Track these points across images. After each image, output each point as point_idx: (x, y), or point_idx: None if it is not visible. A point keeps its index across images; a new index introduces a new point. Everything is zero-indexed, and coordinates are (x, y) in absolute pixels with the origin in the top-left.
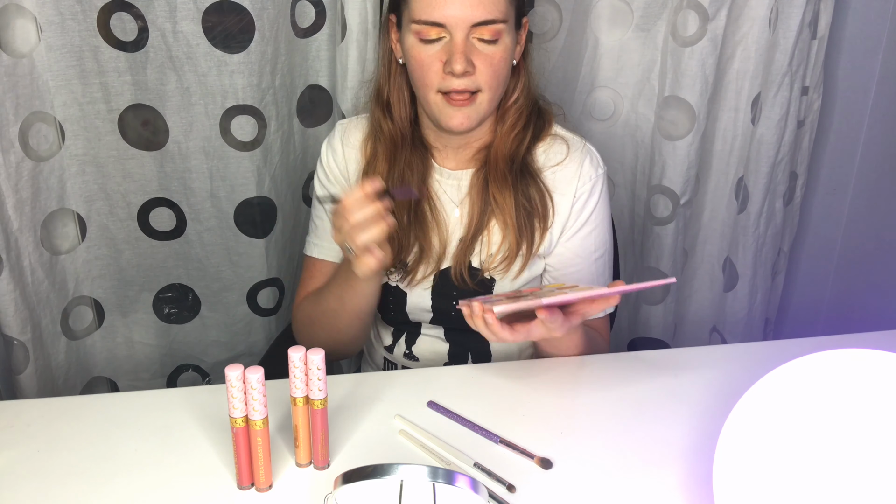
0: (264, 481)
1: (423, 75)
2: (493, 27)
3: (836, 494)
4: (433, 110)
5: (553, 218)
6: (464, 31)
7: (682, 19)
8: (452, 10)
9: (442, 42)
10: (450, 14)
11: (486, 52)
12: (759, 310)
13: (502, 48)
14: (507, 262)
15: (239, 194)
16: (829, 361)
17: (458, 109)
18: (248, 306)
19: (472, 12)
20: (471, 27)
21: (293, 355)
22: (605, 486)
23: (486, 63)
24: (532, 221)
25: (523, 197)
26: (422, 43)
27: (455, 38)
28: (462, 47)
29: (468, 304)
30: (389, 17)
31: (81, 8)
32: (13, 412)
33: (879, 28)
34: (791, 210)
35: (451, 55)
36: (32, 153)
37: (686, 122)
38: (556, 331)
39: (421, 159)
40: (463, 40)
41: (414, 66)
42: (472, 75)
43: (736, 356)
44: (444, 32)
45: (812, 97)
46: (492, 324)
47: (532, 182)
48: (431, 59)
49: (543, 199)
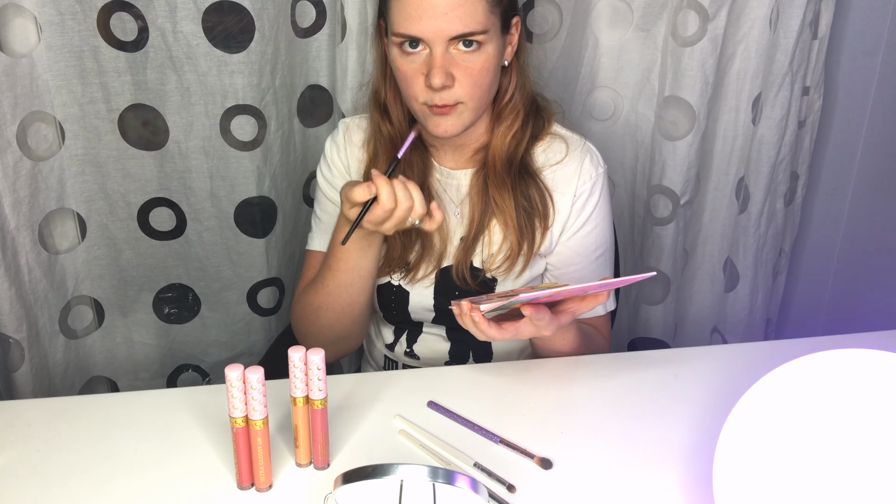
0: (264, 481)
1: (407, 87)
2: (473, 38)
3: (836, 494)
4: (420, 118)
5: (554, 217)
6: (442, 45)
7: (682, 19)
8: (428, 24)
9: (423, 54)
10: (426, 29)
11: (467, 62)
12: (759, 310)
13: (484, 57)
14: (510, 263)
15: (239, 194)
16: (829, 361)
17: (442, 118)
18: (248, 306)
19: (447, 27)
20: (449, 40)
21: (293, 355)
22: (605, 486)
23: (466, 74)
24: (532, 221)
25: (523, 198)
26: (403, 55)
27: (434, 52)
28: (441, 61)
29: (458, 304)
30: (379, 21)
31: (81, 8)
32: (13, 412)
33: (880, 28)
34: (792, 210)
35: (430, 69)
36: (31, 153)
37: (686, 122)
38: (544, 329)
39: (421, 158)
40: (442, 54)
41: (398, 77)
42: (451, 88)
43: (736, 356)
44: (423, 44)
45: (813, 97)
46: (479, 322)
47: (532, 182)
48: (414, 73)
49: (544, 199)
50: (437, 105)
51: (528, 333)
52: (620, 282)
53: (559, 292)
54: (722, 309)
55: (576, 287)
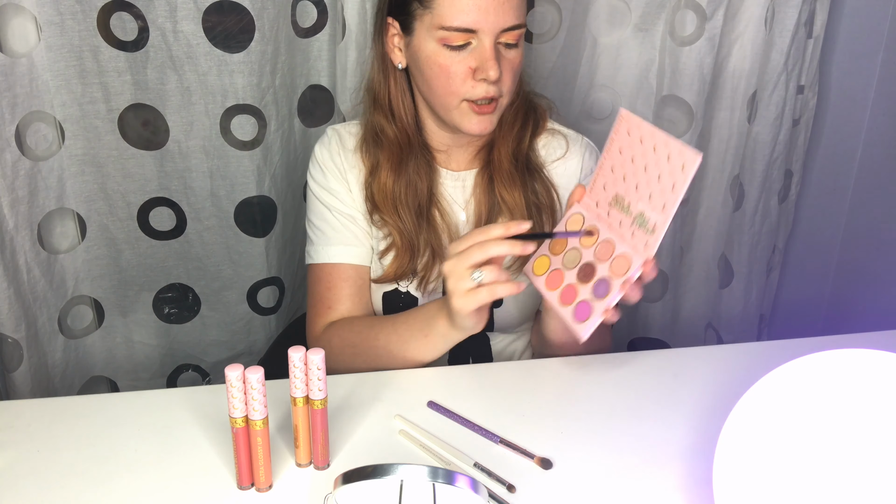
0: (264, 481)
1: (449, 83)
2: (517, 32)
3: (835, 494)
4: (453, 116)
5: (560, 211)
6: (493, 37)
7: (680, 19)
8: (485, 16)
9: (469, 48)
10: (483, 20)
11: (509, 56)
12: (753, 306)
13: (520, 51)
14: (522, 259)
15: (239, 193)
16: (829, 361)
17: (483, 116)
18: (248, 305)
19: (503, 18)
20: (499, 32)
21: (293, 355)
22: (605, 486)
23: (508, 68)
24: (541, 216)
25: (532, 193)
26: (448, 50)
27: (485, 44)
28: (493, 53)
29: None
30: (387, 20)
31: (81, 8)
32: (13, 412)
33: (874, 28)
34: (786, 208)
35: (482, 62)
36: (30, 152)
37: (684, 121)
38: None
39: (427, 163)
40: (492, 46)
41: (437, 73)
42: (501, 81)
43: (736, 356)
44: (472, 38)
45: (807, 96)
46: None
47: (537, 177)
48: (459, 67)
49: (549, 193)
50: (484, 98)
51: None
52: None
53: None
54: (716, 305)
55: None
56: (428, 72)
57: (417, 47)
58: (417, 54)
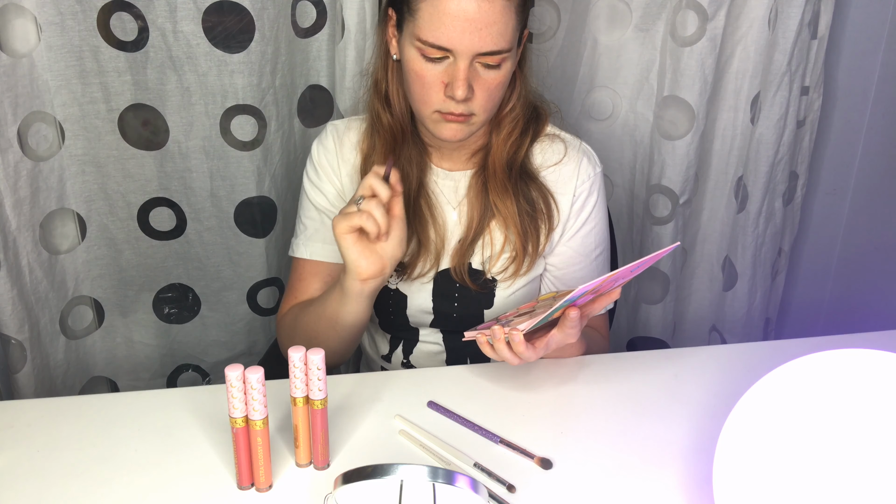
0: (264, 481)
1: (423, 91)
2: (498, 56)
3: (836, 494)
4: (427, 123)
5: (558, 217)
6: (468, 59)
7: (681, 19)
8: (461, 38)
9: (445, 63)
10: (458, 42)
11: (487, 77)
12: (758, 309)
13: (502, 73)
14: (516, 265)
15: (239, 194)
16: (829, 361)
17: (453, 124)
18: (248, 306)
19: (480, 43)
20: (475, 56)
21: (293, 355)
22: (605, 486)
23: (483, 88)
24: (536, 223)
25: (525, 201)
26: (424, 60)
27: (459, 64)
28: (465, 74)
29: (483, 332)
30: (388, 10)
31: (81, 8)
32: (13, 412)
33: (879, 28)
34: (791, 210)
35: (452, 80)
36: (31, 153)
37: (685, 122)
38: (573, 335)
39: (420, 155)
40: (466, 67)
41: (413, 78)
42: (470, 101)
43: (736, 356)
44: (448, 54)
45: (812, 97)
46: (518, 342)
47: (532, 184)
48: (433, 79)
49: (546, 199)
50: (453, 113)
51: (556, 343)
52: (651, 259)
53: (605, 280)
54: (720, 308)
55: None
56: (407, 75)
57: (403, 47)
58: (403, 54)
